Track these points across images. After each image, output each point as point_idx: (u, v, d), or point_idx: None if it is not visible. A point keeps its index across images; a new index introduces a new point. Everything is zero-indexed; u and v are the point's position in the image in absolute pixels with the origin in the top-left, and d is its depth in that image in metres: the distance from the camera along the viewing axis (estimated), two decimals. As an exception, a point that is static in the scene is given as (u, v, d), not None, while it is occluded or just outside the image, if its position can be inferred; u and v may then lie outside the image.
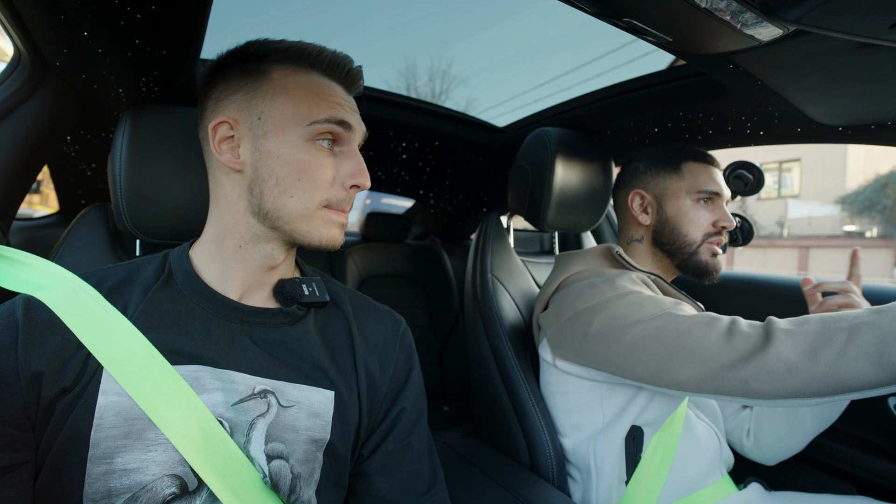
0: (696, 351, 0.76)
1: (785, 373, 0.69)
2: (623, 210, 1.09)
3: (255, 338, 0.62)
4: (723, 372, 0.73)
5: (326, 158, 0.61)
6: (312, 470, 0.61)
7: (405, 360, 0.73)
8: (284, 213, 0.59)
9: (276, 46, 0.62)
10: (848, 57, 0.67)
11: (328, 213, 0.61)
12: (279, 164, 0.59)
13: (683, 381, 0.76)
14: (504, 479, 0.94)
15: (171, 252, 0.67)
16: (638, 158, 1.08)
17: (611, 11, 0.65)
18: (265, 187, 0.59)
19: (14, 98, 0.87)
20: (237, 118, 0.60)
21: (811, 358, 0.68)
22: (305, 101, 0.60)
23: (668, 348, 0.78)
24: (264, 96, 0.60)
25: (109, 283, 0.61)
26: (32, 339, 0.53)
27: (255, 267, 0.64)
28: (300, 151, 0.59)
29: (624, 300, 0.86)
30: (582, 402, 0.96)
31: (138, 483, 0.52)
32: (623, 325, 0.83)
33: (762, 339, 0.72)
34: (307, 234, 0.61)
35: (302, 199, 0.59)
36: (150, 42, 0.81)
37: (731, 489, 0.95)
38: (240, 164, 0.60)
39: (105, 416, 0.53)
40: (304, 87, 0.60)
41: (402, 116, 1.47)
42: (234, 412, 0.57)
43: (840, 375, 0.66)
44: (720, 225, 1.00)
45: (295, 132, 0.59)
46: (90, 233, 0.84)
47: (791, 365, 0.69)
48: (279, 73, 0.61)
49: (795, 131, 1.01)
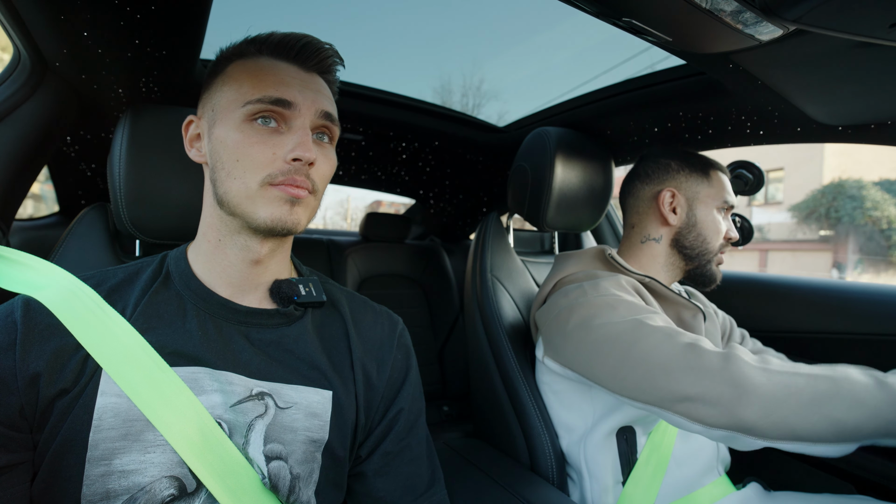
0: (648, 357, 0.73)
1: (733, 402, 0.66)
2: (644, 206, 1.03)
3: (252, 338, 0.62)
4: (668, 385, 0.70)
5: (265, 136, 0.58)
6: (311, 470, 0.61)
7: (402, 361, 0.73)
8: (231, 196, 0.58)
9: (232, 44, 0.64)
10: (848, 56, 0.67)
11: (270, 191, 0.58)
12: (222, 147, 0.59)
13: (631, 388, 0.74)
14: (504, 478, 0.94)
15: (169, 253, 0.67)
16: (667, 155, 1.04)
17: (610, 11, 0.65)
18: (217, 174, 0.60)
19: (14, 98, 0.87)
20: (200, 115, 0.64)
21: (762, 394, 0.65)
22: (244, 84, 0.59)
23: (623, 352, 0.76)
24: (217, 89, 0.62)
25: (109, 285, 0.61)
26: (31, 340, 0.53)
27: (238, 261, 0.63)
28: (235, 132, 0.58)
29: (599, 300, 0.85)
30: (572, 402, 0.96)
31: (137, 484, 0.52)
32: (591, 325, 0.82)
33: (719, 362, 0.69)
34: (252, 215, 0.58)
35: (243, 180, 0.57)
36: (150, 42, 0.81)
37: (729, 489, 0.95)
38: (203, 156, 0.63)
39: (103, 418, 0.52)
40: (247, 71, 0.60)
41: (402, 116, 1.47)
42: (232, 413, 0.57)
43: (790, 418, 0.63)
44: (729, 236, 1.00)
45: (233, 115, 0.59)
46: (90, 233, 0.84)
47: (740, 394, 0.65)
48: (231, 66, 0.62)
49: (795, 131, 1.01)
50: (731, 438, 0.67)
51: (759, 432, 0.65)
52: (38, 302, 0.55)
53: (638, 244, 1.04)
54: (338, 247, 1.89)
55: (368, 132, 1.57)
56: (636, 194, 1.05)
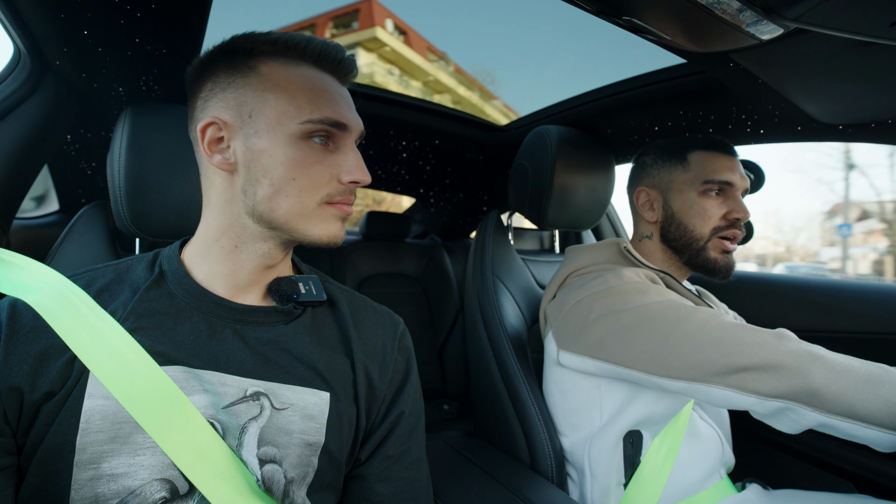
0: (694, 336, 0.73)
1: (794, 370, 0.66)
2: (634, 208, 1.06)
3: (247, 337, 0.61)
4: (720, 359, 0.70)
5: (321, 156, 0.58)
6: (306, 474, 0.59)
7: (403, 363, 0.72)
8: (280, 212, 0.58)
9: (264, 39, 0.59)
10: (848, 55, 0.67)
11: (327, 210, 0.59)
12: (272, 163, 0.56)
13: (675, 366, 0.73)
14: (504, 477, 0.94)
15: (161, 251, 0.65)
16: (646, 151, 1.04)
17: (611, 10, 0.65)
18: (259, 188, 0.57)
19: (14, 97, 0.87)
20: (226, 118, 0.58)
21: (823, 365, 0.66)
22: (297, 97, 0.57)
23: (664, 331, 0.76)
24: (254, 93, 0.57)
25: (98, 284, 0.60)
26: (15, 342, 0.52)
27: (251, 267, 0.62)
28: (293, 149, 0.57)
29: (627, 286, 0.84)
30: (581, 402, 0.95)
31: (127, 488, 0.51)
32: (622, 309, 0.81)
33: (773, 335, 0.70)
34: (306, 233, 0.59)
35: (299, 198, 0.57)
36: (150, 41, 0.81)
37: (730, 490, 0.94)
38: (232, 165, 0.58)
39: (91, 421, 0.51)
40: (295, 81, 0.58)
41: (403, 115, 1.47)
42: (225, 415, 0.56)
43: (850, 392, 0.63)
44: (732, 217, 0.93)
45: (287, 130, 0.56)
46: (90, 231, 0.84)
47: (802, 363, 0.66)
48: (268, 68, 0.58)
49: (796, 130, 1.01)
50: (785, 411, 0.67)
51: (820, 401, 0.65)
52: (24, 303, 0.54)
53: (638, 243, 1.06)
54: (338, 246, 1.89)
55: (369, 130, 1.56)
56: (629, 198, 1.08)
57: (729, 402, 0.71)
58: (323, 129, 0.58)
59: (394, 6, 20.03)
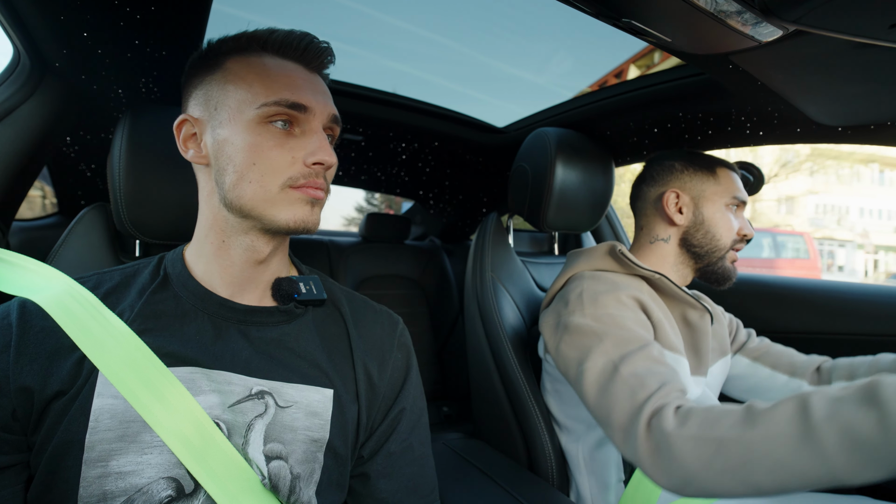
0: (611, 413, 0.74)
1: (654, 467, 0.66)
2: (651, 208, 1.04)
3: (251, 337, 0.62)
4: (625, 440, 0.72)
5: (282, 139, 0.59)
6: (312, 470, 0.60)
7: (403, 360, 0.73)
8: (246, 199, 0.58)
9: (228, 38, 0.62)
10: (847, 57, 0.67)
11: (291, 193, 0.59)
12: (233, 149, 0.58)
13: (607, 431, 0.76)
14: (503, 478, 0.94)
15: (166, 255, 0.67)
16: (671, 157, 1.04)
17: (610, 12, 0.65)
18: (225, 176, 0.59)
19: (14, 98, 0.87)
20: (196, 115, 0.61)
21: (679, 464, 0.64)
22: (255, 84, 0.58)
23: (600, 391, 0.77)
24: (218, 86, 0.60)
25: (106, 287, 0.61)
26: (26, 342, 0.53)
27: (241, 262, 0.63)
28: (251, 135, 0.57)
29: (591, 326, 0.85)
30: (572, 400, 0.97)
31: (134, 486, 0.52)
32: (575, 358, 0.84)
33: (646, 433, 0.69)
34: (274, 218, 0.59)
35: (261, 183, 0.58)
36: (149, 42, 0.81)
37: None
38: (204, 157, 0.61)
39: (100, 419, 0.52)
40: (254, 70, 0.59)
41: (402, 117, 1.47)
42: (231, 414, 0.57)
43: (705, 485, 0.62)
44: (743, 233, 1.00)
45: (245, 116, 0.58)
46: (89, 233, 0.84)
47: (659, 463, 0.66)
48: (232, 62, 0.60)
49: (795, 132, 1.01)
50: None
51: (682, 494, 0.65)
52: (34, 304, 0.55)
53: (647, 245, 1.04)
54: (338, 247, 1.89)
55: (368, 132, 1.57)
56: (643, 197, 1.06)
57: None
58: (280, 111, 0.58)
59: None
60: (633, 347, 0.80)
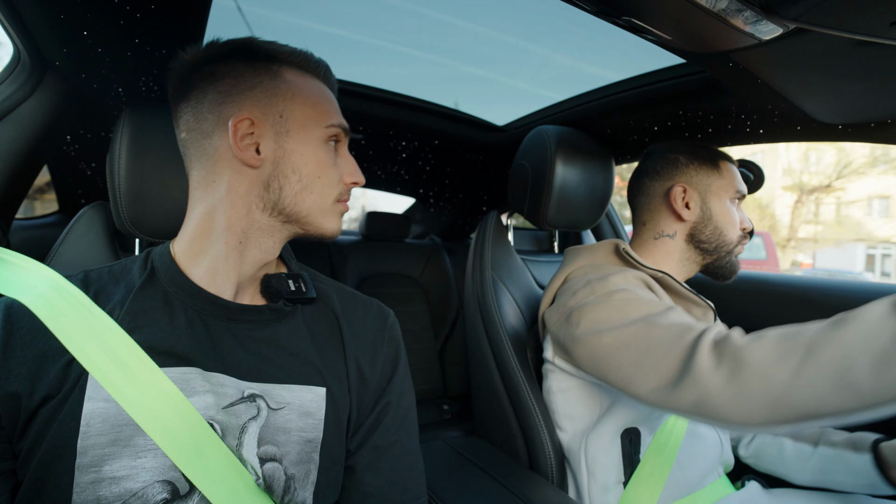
0: (658, 366, 0.73)
1: (733, 397, 0.63)
2: (656, 202, 1.01)
3: (242, 337, 0.61)
4: (676, 390, 0.69)
5: (334, 158, 0.66)
6: (308, 471, 0.60)
7: (393, 354, 0.73)
8: (304, 207, 0.63)
9: (283, 49, 0.64)
10: (848, 55, 0.67)
11: (338, 207, 0.67)
12: (302, 161, 0.62)
13: (644, 395, 0.74)
14: (503, 477, 0.94)
15: (153, 250, 0.65)
16: (674, 149, 1.02)
17: (610, 10, 0.65)
18: (286, 183, 0.61)
19: (14, 98, 0.87)
20: (257, 116, 0.60)
21: (762, 380, 0.61)
22: (320, 105, 0.64)
23: (635, 359, 0.75)
24: (284, 96, 0.62)
25: (95, 286, 0.60)
26: (12, 346, 0.52)
27: (253, 262, 0.63)
28: (320, 151, 0.63)
29: (608, 302, 0.83)
30: (579, 398, 0.95)
31: (128, 490, 0.51)
32: (601, 330, 0.81)
33: (716, 358, 0.67)
34: (321, 226, 0.65)
35: (321, 195, 0.64)
36: (149, 41, 0.81)
37: (728, 489, 0.95)
38: (259, 160, 0.60)
39: (92, 424, 0.51)
40: (315, 91, 0.65)
41: (402, 115, 1.47)
42: (224, 415, 0.56)
43: (795, 400, 0.58)
44: (744, 226, 0.99)
45: (314, 132, 0.63)
46: (89, 232, 0.83)
47: (738, 389, 0.63)
48: (292, 76, 0.63)
49: (795, 129, 1.01)
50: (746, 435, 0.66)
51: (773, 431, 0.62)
52: (20, 305, 0.54)
53: (651, 241, 1.02)
54: (338, 246, 1.90)
55: (368, 131, 1.57)
56: (646, 191, 1.03)
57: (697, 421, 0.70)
58: (338, 133, 0.66)
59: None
60: (660, 309, 0.80)
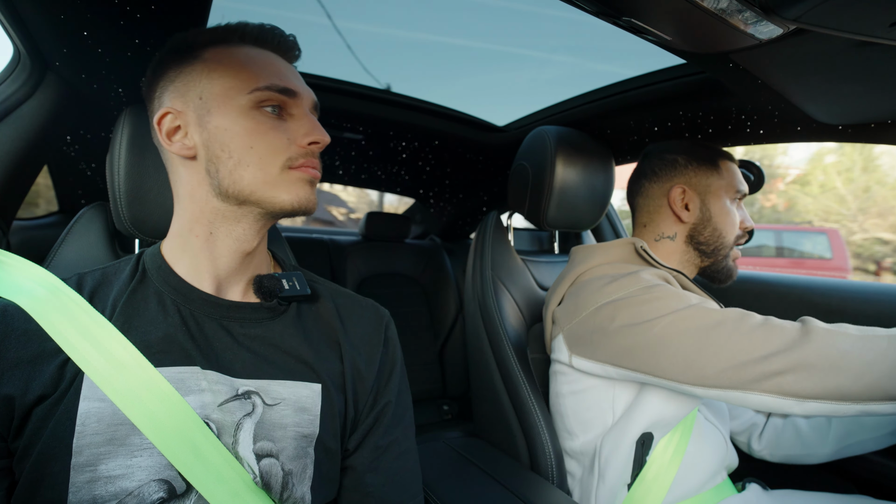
0: (727, 344, 0.72)
1: (826, 369, 0.66)
2: (655, 204, 1.01)
3: (235, 334, 0.61)
4: (756, 365, 0.70)
5: (275, 122, 0.60)
6: (304, 466, 0.60)
7: (390, 354, 0.73)
8: (245, 183, 0.58)
9: (203, 30, 0.62)
10: (848, 55, 0.67)
11: (291, 174, 0.60)
12: (228, 136, 0.58)
13: (712, 376, 0.73)
14: (503, 477, 0.94)
15: (145, 251, 0.66)
16: (672, 150, 1.02)
17: (610, 10, 0.65)
18: (220, 163, 0.58)
19: (14, 98, 0.87)
20: (179, 106, 0.60)
21: (853, 358, 0.65)
22: (242, 72, 0.59)
23: (697, 341, 0.75)
24: (200, 76, 0.59)
25: (89, 287, 0.60)
26: (7, 346, 0.52)
27: (228, 254, 0.62)
28: (246, 120, 0.58)
29: (649, 294, 0.83)
30: (593, 401, 0.93)
31: (124, 490, 0.51)
32: (650, 319, 0.80)
33: (800, 333, 0.69)
34: (275, 200, 0.59)
35: (259, 166, 0.58)
36: (149, 42, 0.81)
37: (730, 491, 0.94)
38: (191, 149, 0.59)
39: (87, 423, 0.51)
40: (238, 58, 0.60)
41: (402, 115, 1.47)
42: (219, 413, 0.56)
43: (882, 379, 0.63)
44: (745, 226, 0.98)
45: (237, 102, 0.58)
46: (89, 232, 0.83)
47: (833, 361, 0.66)
48: (211, 52, 0.60)
49: (795, 130, 1.01)
50: (826, 408, 0.68)
51: (854, 396, 0.65)
52: (15, 306, 0.54)
53: (652, 243, 1.02)
54: (338, 246, 1.90)
55: (368, 131, 1.57)
56: (645, 193, 1.03)
57: (766, 405, 0.71)
58: (272, 96, 0.59)
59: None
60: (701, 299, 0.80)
